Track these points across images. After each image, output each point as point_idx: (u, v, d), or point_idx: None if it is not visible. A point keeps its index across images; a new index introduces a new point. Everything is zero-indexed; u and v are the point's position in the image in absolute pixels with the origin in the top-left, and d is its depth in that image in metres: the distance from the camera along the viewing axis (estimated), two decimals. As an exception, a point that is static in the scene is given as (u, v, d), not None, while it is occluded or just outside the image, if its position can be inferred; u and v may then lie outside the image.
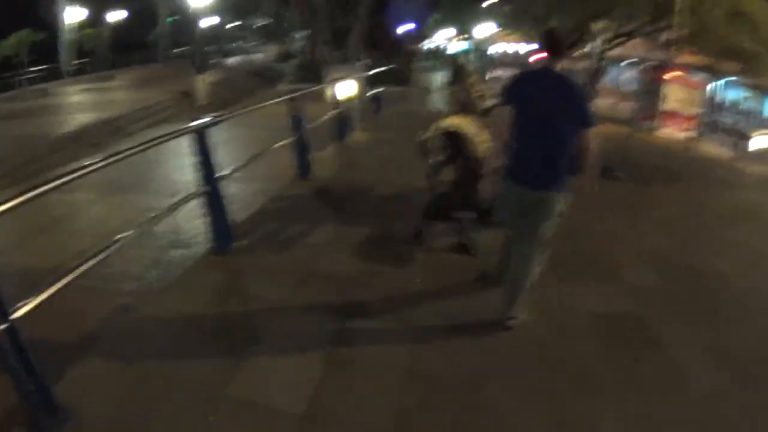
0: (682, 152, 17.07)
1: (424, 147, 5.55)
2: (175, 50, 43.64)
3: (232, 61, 48.36)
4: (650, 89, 23.63)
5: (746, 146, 18.76)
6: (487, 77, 44.11)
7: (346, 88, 11.15)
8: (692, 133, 21.25)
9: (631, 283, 5.51)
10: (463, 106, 6.24)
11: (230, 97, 23.78)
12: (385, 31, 34.16)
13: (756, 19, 27.55)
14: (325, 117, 10.52)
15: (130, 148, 4.18)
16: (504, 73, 49.69)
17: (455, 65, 6.73)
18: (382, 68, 17.13)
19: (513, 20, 47.63)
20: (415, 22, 38.23)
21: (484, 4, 44.01)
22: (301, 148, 8.18)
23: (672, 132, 21.97)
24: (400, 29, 35.22)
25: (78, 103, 22.46)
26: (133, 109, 19.74)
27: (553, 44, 4.23)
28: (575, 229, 6.66)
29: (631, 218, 7.96)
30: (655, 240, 6.90)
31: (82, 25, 34.17)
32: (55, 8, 32.02)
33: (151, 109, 19.86)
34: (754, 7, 27.75)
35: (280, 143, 7.70)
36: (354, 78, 11.57)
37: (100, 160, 3.78)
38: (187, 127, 5.16)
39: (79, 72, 33.85)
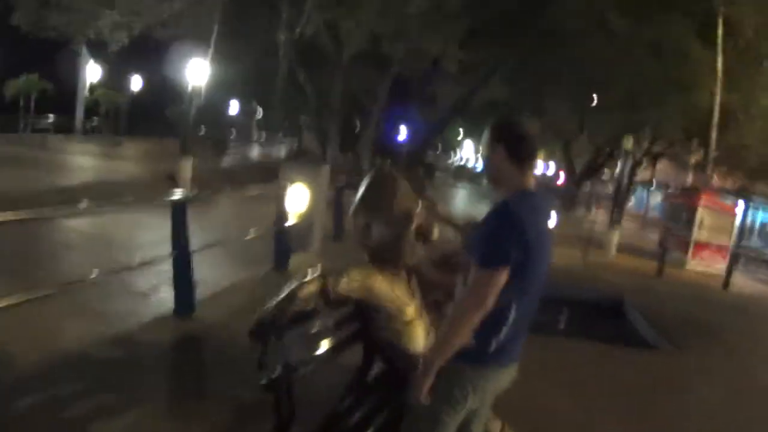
0: (717, 293, 14.54)
1: (275, 320, 2.99)
2: (203, 129, 42.97)
3: (253, 150, 47.59)
4: (679, 215, 21.37)
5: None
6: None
7: (298, 197, 8.78)
8: (725, 266, 18.79)
9: None
10: (380, 253, 3.61)
11: (218, 186, 21.83)
12: (398, 140, 31.95)
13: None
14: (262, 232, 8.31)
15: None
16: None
17: (376, 173, 3.82)
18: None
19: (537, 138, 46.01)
20: (435, 134, 36.06)
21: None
22: (181, 273, 5.71)
23: (704, 265, 19.49)
24: (416, 139, 32.73)
25: (61, 163, 21.05)
26: (105, 181, 17.91)
27: (525, 145, 2.81)
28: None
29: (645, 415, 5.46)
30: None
31: (98, 85, 33.27)
32: (78, 61, 30.98)
33: (121, 186, 17.79)
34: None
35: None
36: (309, 184, 9.11)
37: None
38: None
39: (92, 131, 32.64)
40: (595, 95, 28.76)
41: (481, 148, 2.95)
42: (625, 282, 13.36)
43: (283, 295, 3.07)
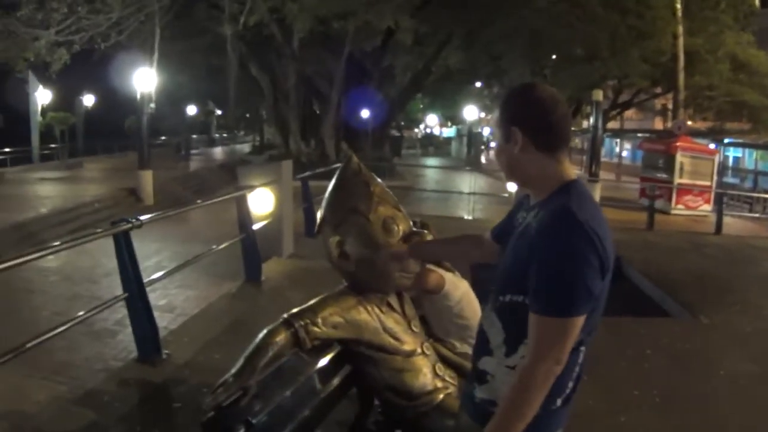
0: (712, 239, 14.09)
1: (238, 400, 2.30)
2: (163, 137, 43.42)
3: (217, 150, 46.87)
4: (657, 162, 21.06)
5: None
6: (483, 160, 41.17)
7: (262, 200, 8.15)
8: (709, 208, 18.73)
9: None
10: (362, 276, 2.88)
11: (184, 195, 21.04)
12: (361, 120, 31.15)
13: (760, 71, 25.59)
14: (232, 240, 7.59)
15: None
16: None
17: (342, 173, 3.03)
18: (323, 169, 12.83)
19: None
20: (398, 109, 35.30)
21: (469, 89, 42.23)
22: (137, 315, 5.02)
23: (689, 209, 19.28)
24: (380, 117, 31.92)
25: (19, 196, 19.55)
26: (64, 208, 16.95)
27: (555, 127, 1.97)
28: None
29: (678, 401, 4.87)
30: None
31: (48, 108, 32.30)
32: (25, 88, 29.99)
33: (79, 210, 16.93)
34: (758, 59, 25.83)
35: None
36: (272, 185, 8.47)
37: None
38: None
39: (50, 157, 31.88)
40: (554, 53, 28.45)
41: (491, 133, 2.11)
42: (617, 238, 12.79)
43: (241, 362, 2.40)
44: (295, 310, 2.65)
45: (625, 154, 42.36)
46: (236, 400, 2.26)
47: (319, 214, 3.00)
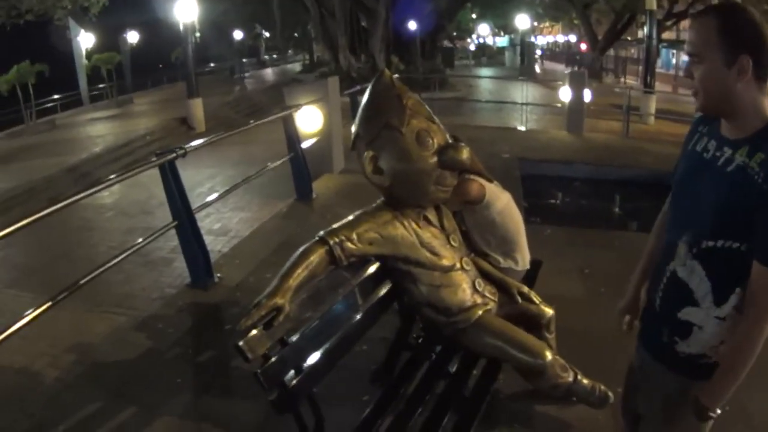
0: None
1: (272, 321, 2.33)
2: (211, 64, 43.70)
3: (267, 71, 46.83)
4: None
5: None
6: (537, 69, 39.89)
7: (310, 118, 8.14)
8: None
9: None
10: (398, 191, 2.86)
11: (236, 119, 20.99)
12: (411, 31, 30.41)
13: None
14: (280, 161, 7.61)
15: None
16: (558, 67, 45.22)
17: (374, 87, 2.95)
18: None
19: (553, 9, 43.95)
20: (448, 19, 34.19)
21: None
22: (187, 242, 5.08)
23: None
24: (429, 28, 31.03)
25: (71, 140, 19.64)
26: (116, 145, 17.12)
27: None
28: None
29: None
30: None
31: (93, 51, 32.56)
32: (67, 34, 30.23)
33: (132, 145, 17.11)
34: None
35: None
36: (319, 102, 8.40)
37: None
38: None
39: (99, 98, 32.12)
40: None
41: (691, 52, 1.83)
42: (674, 153, 12.41)
43: (275, 282, 2.40)
44: (330, 228, 2.65)
45: (681, 65, 40.88)
46: (271, 321, 2.27)
47: (353, 129, 2.95)
